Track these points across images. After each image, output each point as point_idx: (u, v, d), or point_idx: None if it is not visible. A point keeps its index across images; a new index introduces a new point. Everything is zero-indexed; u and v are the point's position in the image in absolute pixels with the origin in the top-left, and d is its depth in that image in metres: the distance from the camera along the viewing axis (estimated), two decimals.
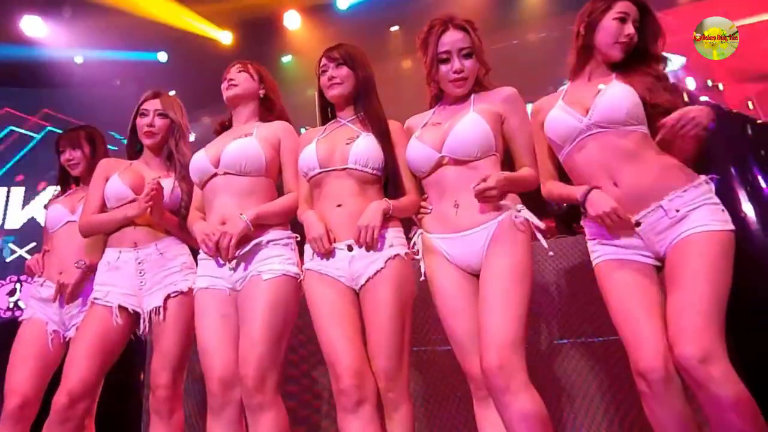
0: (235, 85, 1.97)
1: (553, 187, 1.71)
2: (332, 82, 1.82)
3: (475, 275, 1.62)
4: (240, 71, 2.00)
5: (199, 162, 1.90)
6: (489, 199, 1.55)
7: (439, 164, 1.69)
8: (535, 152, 1.73)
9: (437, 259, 1.67)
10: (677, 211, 1.45)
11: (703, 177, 1.49)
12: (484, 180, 1.53)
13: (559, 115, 1.63)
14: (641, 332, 1.41)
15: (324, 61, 1.85)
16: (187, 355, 1.99)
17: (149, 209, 1.93)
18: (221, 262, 1.81)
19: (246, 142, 1.86)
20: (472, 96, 1.74)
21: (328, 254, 1.69)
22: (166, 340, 1.94)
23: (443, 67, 1.69)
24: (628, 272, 1.50)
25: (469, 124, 1.64)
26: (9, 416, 1.98)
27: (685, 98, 1.68)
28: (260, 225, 1.80)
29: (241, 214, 1.77)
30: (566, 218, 3.36)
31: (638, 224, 1.50)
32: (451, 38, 1.68)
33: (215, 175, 1.87)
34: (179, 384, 1.96)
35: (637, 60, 1.64)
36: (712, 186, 1.48)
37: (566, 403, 2.15)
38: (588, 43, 1.67)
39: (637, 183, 1.50)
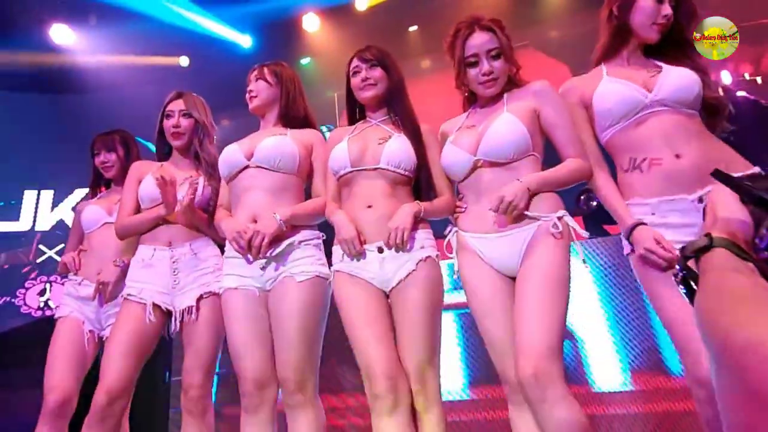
0: (255, 97, 2.00)
1: (605, 188, 1.60)
2: (366, 83, 1.82)
3: (512, 278, 1.57)
4: (258, 79, 2.01)
5: (231, 154, 1.91)
6: (515, 212, 1.50)
7: (474, 167, 1.65)
8: (579, 141, 1.63)
9: (471, 258, 1.63)
10: None
11: (757, 168, 1.46)
12: (501, 197, 1.49)
13: (620, 88, 1.56)
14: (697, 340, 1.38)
15: (356, 62, 1.85)
16: (217, 355, 2.03)
17: (179, 207, 1.97)
18: (250, 259, 1.80)
19: (282, 139, 1.88)
20: (505, 95, 1.70)
21: (358, 256, 1.68)
22: (199, 340, 1.97)
23: (471, 71, 1.66)
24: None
25: (503, 126, 1.60)
26: (50, 413, 2.05)
27: (720, 92, 1.64)
28: (291, 225, 1.80)
29: (275, 213, 1.77)
30: (596, 217, 3.25)
31: (701, 200, 1.43)
32: (478, 41, 1.64)
33: (246, 168, 1.87)
34: (210, 383, 2.00)
35: (674, 47, 1.59)
36: None
37: None
38: (623, 23, 1.61)
39: (703, 158, 1.45)
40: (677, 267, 0.76)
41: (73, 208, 2.49)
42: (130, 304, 2.00)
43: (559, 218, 1.52)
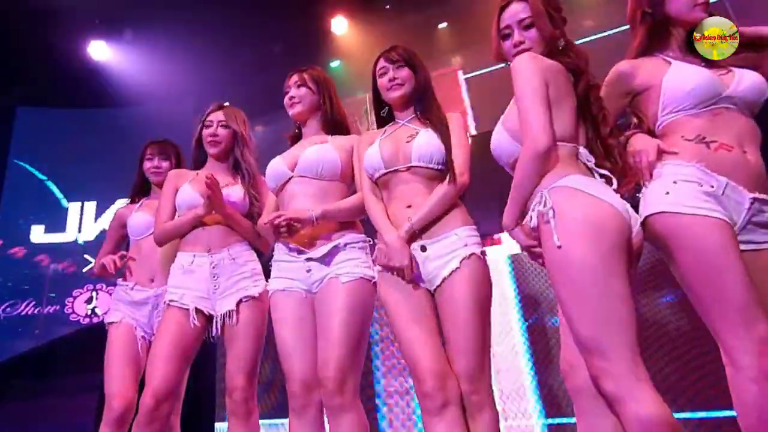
0: (298, 103, 2.01)
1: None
2: (393, 83, 1.82)
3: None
4: (299, 86, 2.02)
5: (276, 167, 1.96)
6: None
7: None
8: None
9: None
10: None
11: None
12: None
13: (703, 72, 1.48)
14: None
15: (382, 62, 1.85)
16: (259, 358, 2.06)
17: (212, 205, 2.02)
18: (296, 254, 1.83)
19: (323, 148, 1.91)
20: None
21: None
22: (240, 344, 2.00)
23: (506, 43, 1.60)
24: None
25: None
26: (114, 419, 2.11)
27: None
28: (336, 227, 1.83)
29: (310, 210, 1.81)
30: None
31: (754, 201, 1.40)
32: (511, 11, 1.57)
33: (291, 178, 1.90)
34: (253, 386, 2.03)
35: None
36: None
37: None
38: (661, 18, 1.54)
39: (760, 163, 1.44)
40: None
41: (117, 213, 2.54)
42: (172, 310, 2.05)
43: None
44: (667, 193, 1.40)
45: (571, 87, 1.46)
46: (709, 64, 1.53)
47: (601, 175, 1.40)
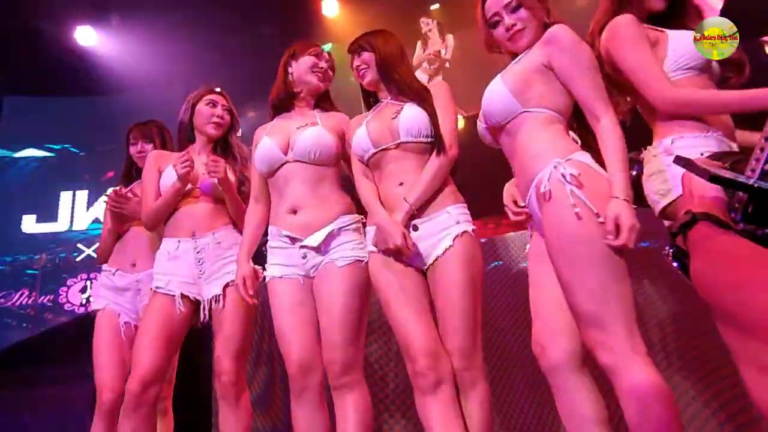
0: (326, 81, 2.02)
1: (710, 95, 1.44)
2: (359, 70, 1.83)
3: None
4: (331, 68, 2.03)
5: (269, 151, 1.90)
6: None
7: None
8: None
9: None
10: None
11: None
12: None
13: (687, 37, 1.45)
14: None
15: (350, 57, 1.87)
16: (248, 342, 2.06)
17: (223, 186, 2.02)
18: (288, 241, 1.83)
19: (318, 132, 1.87)
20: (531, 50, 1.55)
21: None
22: (227, 328, 2.00)
23: (496, 31, 1.57)
24: None
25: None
26: (107, 413, 2.11)
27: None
28: (328, 211, 1.82)
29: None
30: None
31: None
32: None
33: (285, 163, 1.88)
34: (243, 369, 2.03)
35: (678, 15, 1.55)
36: None
37: None
38: None
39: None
40: (667, 247, 0.80)
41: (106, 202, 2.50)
42: (158, 296, 2.04)
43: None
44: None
45: None
46: None
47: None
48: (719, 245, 0.71)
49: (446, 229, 1.63)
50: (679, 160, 0.86)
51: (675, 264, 0.79)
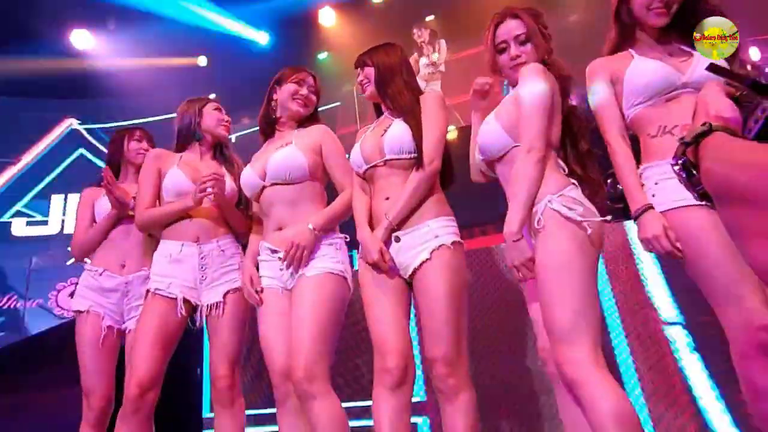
0: (308, 107, 2.04)
1: (624, 165, 1.54)
2: (362, 85, 1.89)
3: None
4: (314, 92, 2.06)
5: (248, 178, 1.98)
6: None
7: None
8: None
9: None
10: None
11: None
12: None
13: (656, 65, 1.55)
14: None
15: (357, 71, 1.93)
16: (242, 348, 2.09)
17: (213, 197, 2.02)
18: (270, 253, 1.91)
19: (287, 152, 1.92)
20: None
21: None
22: (223, 334, 2.02)
23: (502, 57, 1.68)
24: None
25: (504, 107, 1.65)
26: (96, 419, 2.11)
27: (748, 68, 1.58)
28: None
29: (309, 224, 1.84)
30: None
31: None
32: (506, 28, 1.66)
33: (264, 187, 1.94)
34: (237, 374, 2.05)
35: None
36: None
37: None
38: (626, 18, 1.60)
39: None
40: (674, 157, 0.81)
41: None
42: (156, 298, 2.02)
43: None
44: (653, 195, 1.49)
45: (560, 103, 1.61)
46: (673, 52, 1.58)
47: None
48: (734, 143, 0.75)
49: (425, 242, 1.68)
50: (713, 67, 0.90)
51: (682, 174, 0.80)
